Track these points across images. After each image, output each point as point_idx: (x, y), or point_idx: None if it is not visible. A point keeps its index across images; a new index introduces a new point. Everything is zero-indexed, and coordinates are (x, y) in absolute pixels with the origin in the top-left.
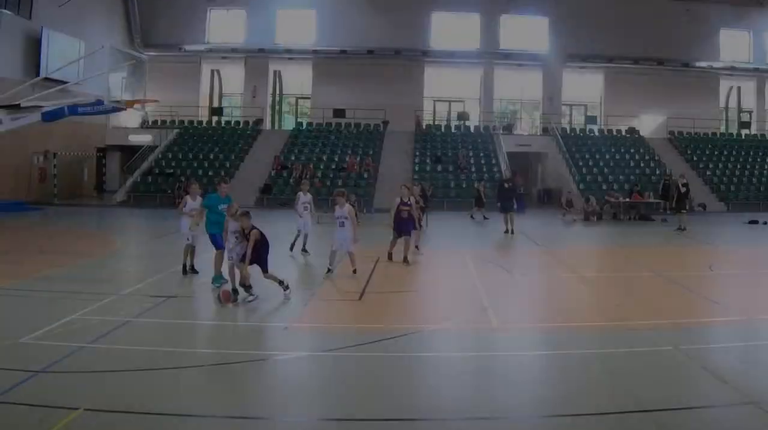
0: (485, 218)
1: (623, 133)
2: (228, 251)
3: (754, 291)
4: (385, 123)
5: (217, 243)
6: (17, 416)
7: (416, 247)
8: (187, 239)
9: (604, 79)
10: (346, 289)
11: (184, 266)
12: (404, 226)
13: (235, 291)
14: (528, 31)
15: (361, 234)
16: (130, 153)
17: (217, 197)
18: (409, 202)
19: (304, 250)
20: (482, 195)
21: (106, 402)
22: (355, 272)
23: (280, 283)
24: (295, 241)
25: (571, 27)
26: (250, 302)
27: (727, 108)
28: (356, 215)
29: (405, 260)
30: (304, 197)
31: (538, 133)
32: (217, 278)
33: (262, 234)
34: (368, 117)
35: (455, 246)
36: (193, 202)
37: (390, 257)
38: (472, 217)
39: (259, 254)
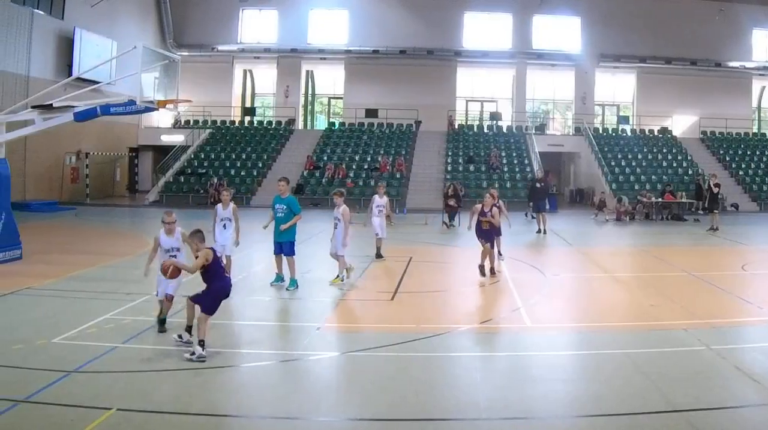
0: (532, 217)
1: (655, 133)
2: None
3: None
4: (418, 123)
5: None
6: (50, 416)
7: (499, 252)
8: (225, 247)
9: (636, 79)
10: (378, 289)
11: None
12: (487, 235)
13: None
14: (560, 31)
15: (393, 234)
16: (163, 153)
17: (278, 198)
18: (491, 212)
19: (378, 255)
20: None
21: (138, 402)
22: (340, 279)
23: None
24: (379, 248)
25: (604, 27)
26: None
27: (759, 108)
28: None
29: (492, 271)
30: (380, 200)
31: (571, 133)
32: (280, 278)
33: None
34: (400, 117)
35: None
36: (223, 211)
37: (482, 270)
38: (529, 215)
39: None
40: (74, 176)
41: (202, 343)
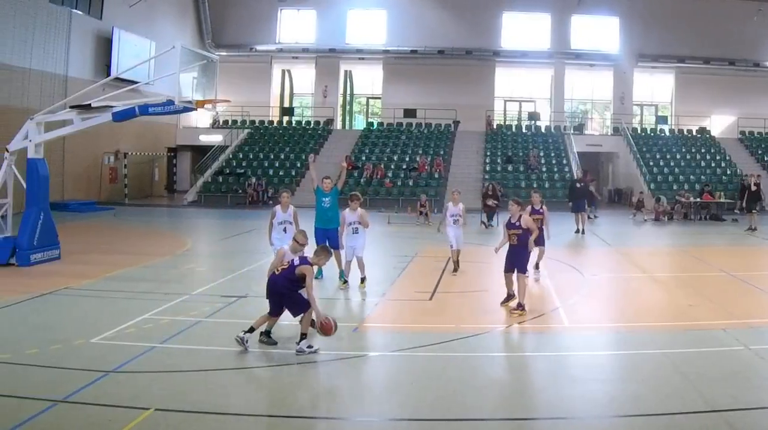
0: (595, 216)
1: (694, 133)
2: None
3: None
4: (456, 123)
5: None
6: (89, 416)
7: (536, 266)
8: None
9: (674, 79)
10: (417, 289)
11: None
12: (518, 256)
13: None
14: (599, 31)
15: (431, 235)
16: (201, 153)
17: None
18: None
19: (456, 266)
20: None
21: (176, 402)
22: (364, 280)
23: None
24: (457, 259)
25: (642, 27)
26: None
27: None
28: (428, 215)
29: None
30: (454, 208)
31: (609, 133)
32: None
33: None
34: (439, 117)
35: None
36: (283, 214)
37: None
38: (592, 215)
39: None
40: (113, 176)
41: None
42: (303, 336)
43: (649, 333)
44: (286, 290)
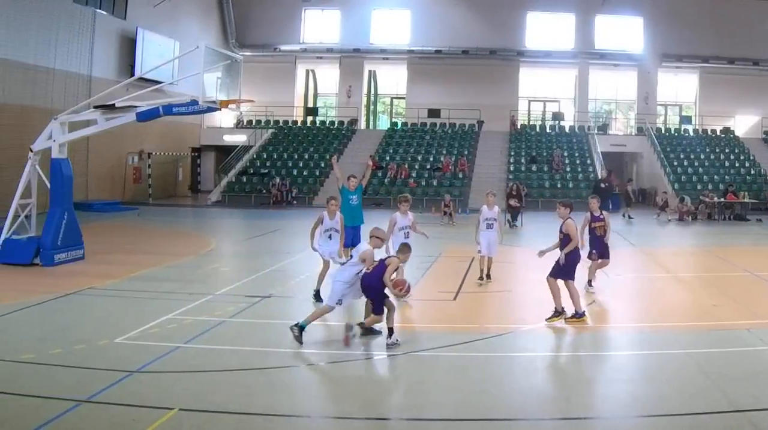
0: (630, 217)
1: (718, 133)
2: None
3: None
4: (480, 123)
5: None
6: (113, 416)
7: (589, 282)
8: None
9: (698, 79)
10: (441, 289)
11: (318, 292)
12: (601, 245)
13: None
14: (623, 31)
15: (455, 235)
16: (225, 153)
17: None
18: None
19: (487, 276)
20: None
21: (200, 402)
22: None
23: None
24: (489, 267)
25: (666, 27)
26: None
27: None
28: (452, 215)
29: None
30: (488, 212)
31: (633, 133)
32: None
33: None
34: (463, 117)
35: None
36: (330, 221)
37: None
38: (627, 216)
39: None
40: (136, 176)
41: (390, 330)
42: (391, 331)
43: (673, 333)
44: (382, 287)
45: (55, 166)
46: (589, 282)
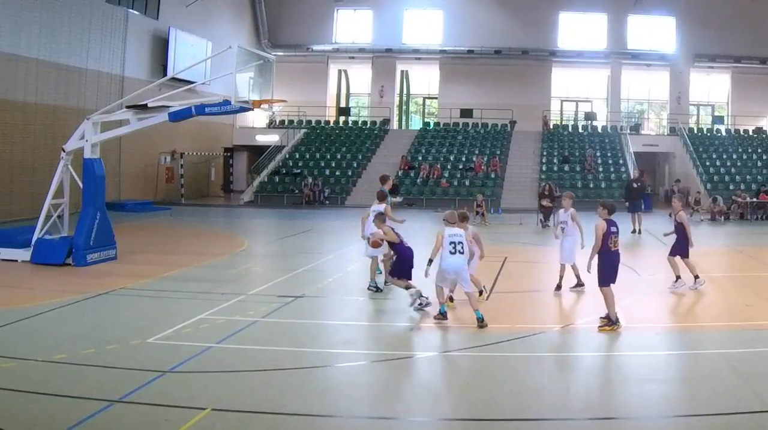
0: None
1: (750, 133)
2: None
3: None
4: (513, 123)
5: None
6: (145, 416)
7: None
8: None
9: (731, 78)
10: (473, 289)
11: (377, 285)
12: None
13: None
14: (655, 31)
15: (488, 235)
16: (257, 153)
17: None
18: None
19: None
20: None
21: (233, 402)
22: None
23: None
24: (561, 276)
25: (699, 27)
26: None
27: None
28: (484, 215)
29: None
30: (563, 215)
31: (666, 133)
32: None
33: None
34: (495, 117)
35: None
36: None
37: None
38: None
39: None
40: (169, 176)
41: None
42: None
43: (705, 333)
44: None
45: (88, 166)
46: (695, 278)
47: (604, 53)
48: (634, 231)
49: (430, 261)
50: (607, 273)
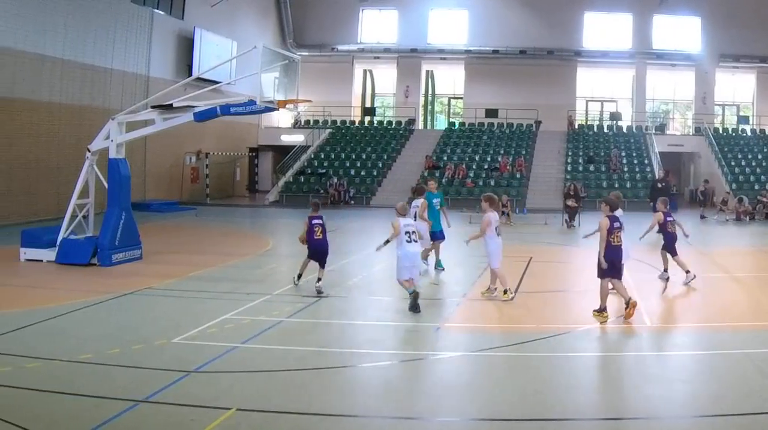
0: (704, 216)
1: None
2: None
3: None
4: (538, 123)
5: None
6: (170, 416)
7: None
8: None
9: (756, 78)
10: (499, 289)
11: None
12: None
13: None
14: (680, 31)
15: (513, 235)
16: (282, 153)
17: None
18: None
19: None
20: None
21: (258, 402)
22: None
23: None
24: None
25: (724, 27)
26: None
27: None
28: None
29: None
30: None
31: (691, 133)
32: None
33: None
34: (520, 117)
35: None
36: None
37: (604, 312)
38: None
39: None
40: (194, 176)
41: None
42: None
43: (730, 333)
44: None
45: (113, 166)
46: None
47: (629, 53)
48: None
49: (387, 241)
50: (607, 267)
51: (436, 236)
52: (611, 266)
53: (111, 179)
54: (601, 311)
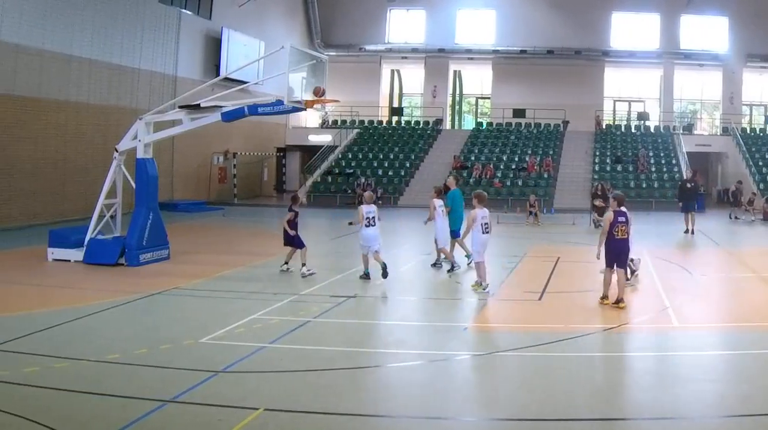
0: (736, 217)
1: None
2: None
3: None
4: (565, 123)
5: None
6: (197, 416)
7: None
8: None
9: None
10: (526, 289)
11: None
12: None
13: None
14: (708, 31)
15: (541, 235)
16: (310, 153)
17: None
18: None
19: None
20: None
21: (285, 402)
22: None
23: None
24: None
25: (752, 27)
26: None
27: None
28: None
29: (618, 301)
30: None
31: (718, 134)
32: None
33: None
34: (548, 117)
35: (636, 245)
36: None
37: (605, 299)
38: (733, 216)
39: None
40: (222, 176)
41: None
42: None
43: (758, 333)
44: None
45: (141, 166)
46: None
47: (656, 53)
48: (687, 231)
49: (351, 223)
50: (608, 257)
51: (456, 234)
52: (615, 257)
53: (138, 179)
54: (602, 297)
